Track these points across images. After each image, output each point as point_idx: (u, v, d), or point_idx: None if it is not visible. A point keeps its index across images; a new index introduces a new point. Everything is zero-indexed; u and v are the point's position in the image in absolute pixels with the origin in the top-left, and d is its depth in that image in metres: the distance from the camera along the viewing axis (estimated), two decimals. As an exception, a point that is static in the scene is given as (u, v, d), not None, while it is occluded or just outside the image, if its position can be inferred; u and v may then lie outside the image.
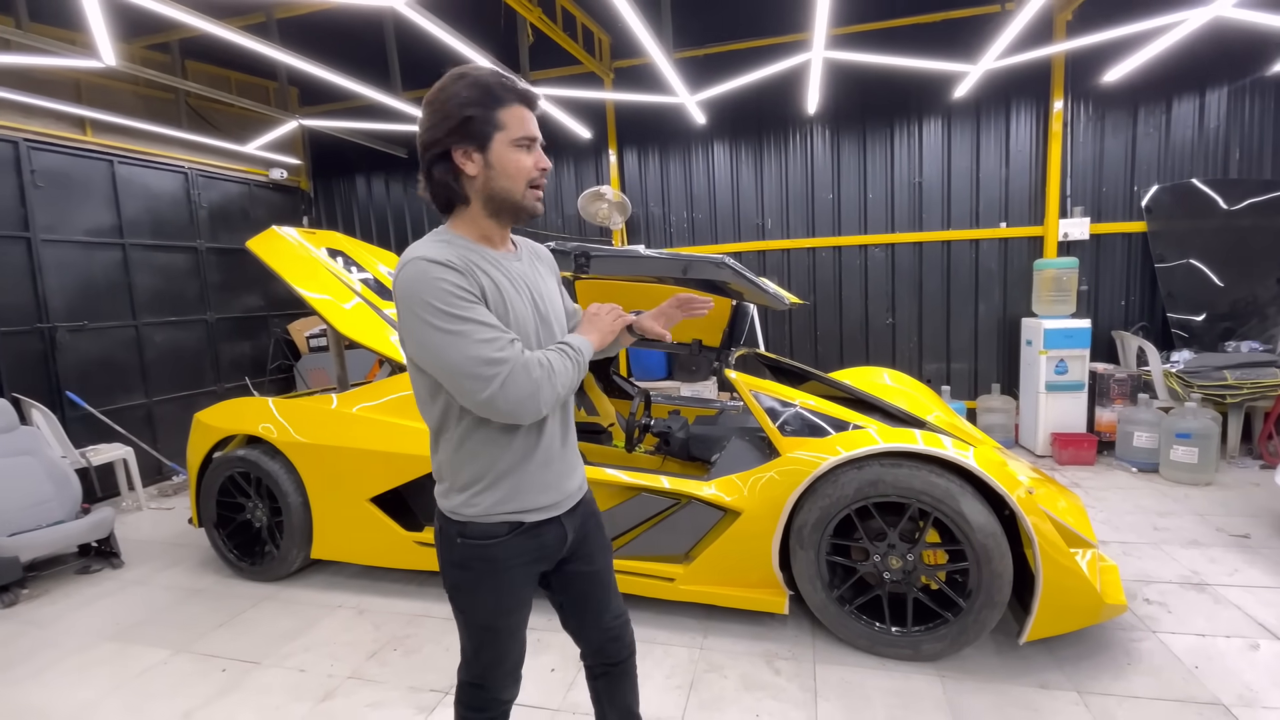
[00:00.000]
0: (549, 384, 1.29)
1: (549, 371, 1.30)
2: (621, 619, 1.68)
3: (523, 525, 1.42)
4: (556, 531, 1.48)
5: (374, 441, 3.25)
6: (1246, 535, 3.59)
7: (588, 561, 1.59)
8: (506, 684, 1.54)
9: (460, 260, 1.29)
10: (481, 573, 1.43)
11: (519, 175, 1.33)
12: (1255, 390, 4.65)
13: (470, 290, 1.28)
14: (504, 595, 1.45)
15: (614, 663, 1.69)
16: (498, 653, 1.50)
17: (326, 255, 4.15)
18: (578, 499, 1.54)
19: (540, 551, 1.47)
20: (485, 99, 1.29)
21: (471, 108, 1.29)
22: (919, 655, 2.54)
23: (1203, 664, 2.47)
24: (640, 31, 3.90)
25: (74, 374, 5.04)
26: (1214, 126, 5.25)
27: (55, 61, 4.04)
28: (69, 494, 3.94)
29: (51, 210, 4.97)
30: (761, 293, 2.94)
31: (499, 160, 1.32)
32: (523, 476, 1.41)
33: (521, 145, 1.33)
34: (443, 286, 1.24)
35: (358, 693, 2.55)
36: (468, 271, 1.29)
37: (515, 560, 1.43)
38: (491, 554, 1.41)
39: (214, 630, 3.09)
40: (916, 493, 2.47)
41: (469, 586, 1.45)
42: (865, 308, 6.13)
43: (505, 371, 1.24)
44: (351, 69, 4.60)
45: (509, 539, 1.41)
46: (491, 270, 1.35)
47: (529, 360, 1.28)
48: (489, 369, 1.24)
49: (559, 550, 1.51)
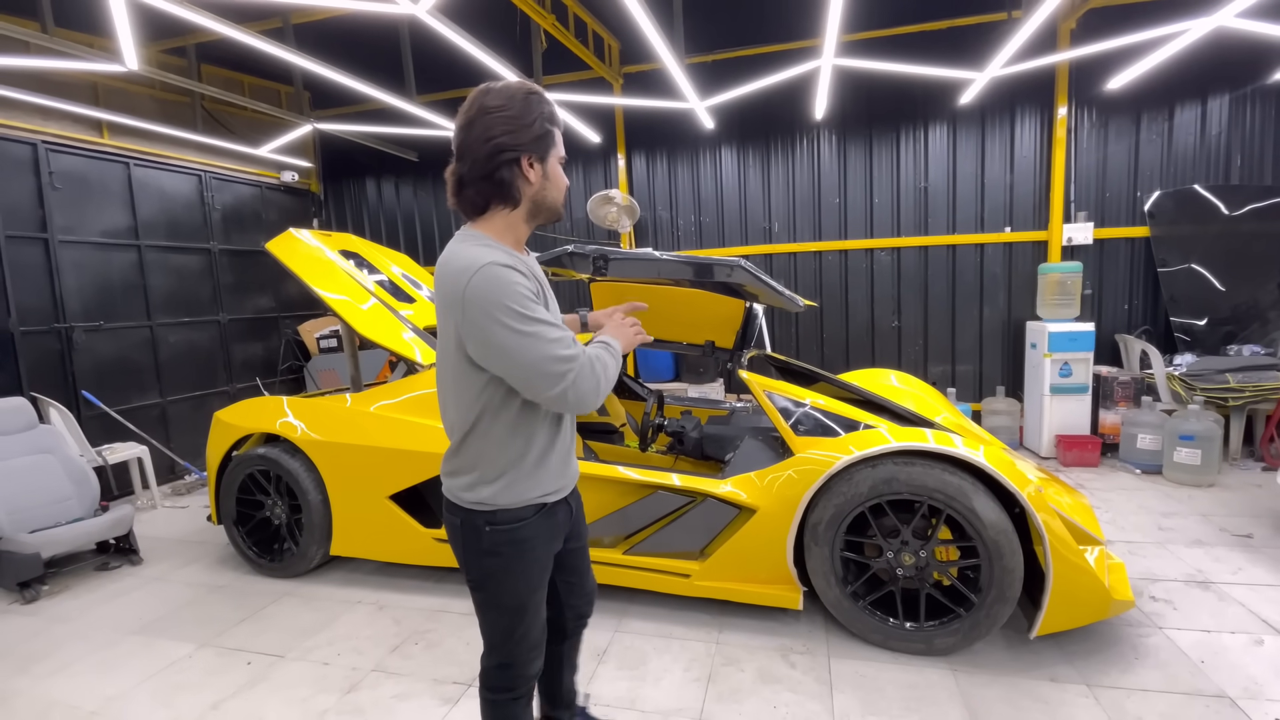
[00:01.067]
0: (605, 379, 1.43)
1: (605, 367, 1.44)
2: (594, 584, 1.92)
3: (545, 506, 1.56)
4: (564, 511, 1.65)
5: (394, 440, 3.30)
6: (1249, 535, 3.65)
7: (578, 538, 1.78)
8: (532, 658, 1.64)
9: (522, 265, 1.41)
10: (511, 556, 1.53)
11: (563, 188, 1.54)
12: (1257, 393, 4.72)
13: (535, 294, 1.39)
14: (532, 574, 1.58)
15: (584, 617, 1.91)
16: (526, 628, 1.60)
17: (341, 257, 4.21)
18: (575, 481, 1.70)
19: (555, 530, 1.61)
20: (555, 118, 1.48)
21: (550, 123, 1.47)
22: (932, 650, 2.60)
23: (1209, 658, 2.53)
24: (654, 38, 3.97)
25: (90, 373, 5.10)
26: (1216, 133, 5.33)
27: (78, 65, 4.10)
28: (88, 492, 4.00)
29: (69, 211, 5.04)
30: (776, 294, 3.00)
31: (553, 173, 1.50)
32: (547, 463, 1.55)
33: (563, 162, 1.54)
34: (518, 290, 1.33)
35: (382, 685, 2.60)
36: (530, 275, 1.42)
37: (540, 539, 1.56)
38: (520, 535, 1.52)
39: (236, 625, 3.15)
40: (929, 490, 2.53)
41: (500, 571, 1.54)
42: (871, 311, 6.19)
43: (575, 368, 1.36)
44: (365, 73, 4.67)
45: (535, 520, 1.54)
46: (532, 271, 1.49)
47: (590, 357, 1.42)
48: (562, 366, 1.34)
49: (566, 527, 1.67)
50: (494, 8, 4.67)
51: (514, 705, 1.63)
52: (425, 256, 7.37)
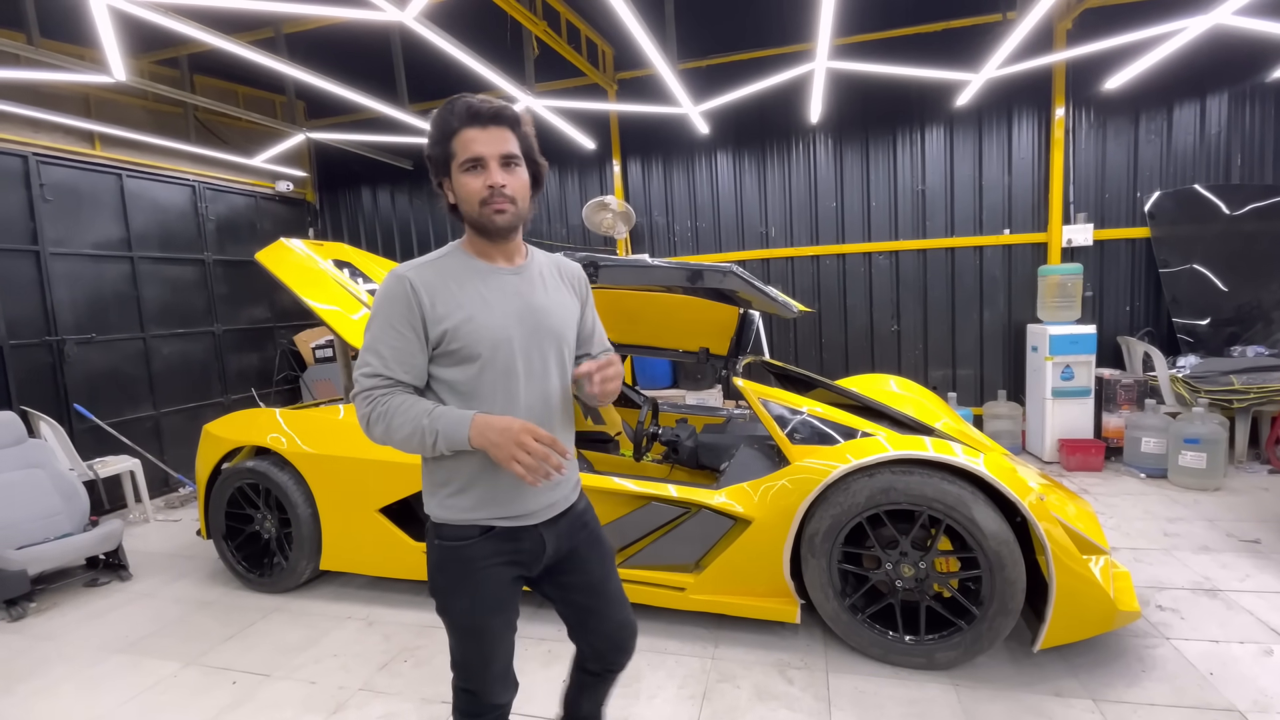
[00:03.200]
0: (379, 424, 1.38)
1: (382, 416, 1.37)
2: (627, 629, 1.69)
3: (493, 529, 1.46)
4: (533, 540, 1.51)
5: (384, 452, 3.24)
6: (1257, 540, 3.58)
7: (582, 573, 1.61)
8: (496, 689, 1.55)
9: (424, 278, 1.40)
10: (456, 574, 1.47)
11: (469, 198, 1.40)
12: (1262, 395, 4.65)
13: (403, 315, 1.38)
14: (480, 596, 1.47)
15: (613, 669, 1.74)
16: (483, 656, 1.51)
17: (333, 267, 4.17)
18: (558, 511, 1.55)
19: (515, 555, 1.49)
20: (438, 134, 1.40)
21: (431, 146, 1.42)
22: (933, 664, 2.53)
23: (1217, 670, 2.46)
24: (646, 44, 3.94)
25: (82, 386, 5.06)
26: (1215, 132, 5.28)
27: (66, 77, 4.09)
28: (77, 506, 3.95)
29: (60, 224, 5.01)
30: (770, 301, 2.95)
31: (456, 186, 1.41)
32: (491, 485, 1.45)
33: (467, 168, 1.39)
34: (382, 301, 1.40)
35: (370, 704, 2.54)
36: (421, 292, 1.38)
37: (488, 561, 1.46)
38: (465, 554, 1.45)
39: (224, 642, 3.09)
40: (928, 500, 2.47)
41: (446, 587, 1.49)
42: (870, 315, 6.14)
43: (355, 390, 1.42)
44: (358, 82, 4.65)
45: (480, 540, 1.45)
46: (469, 283, 1.43)
47: (373, 397, 1.39)
48: (358, 382, 1.42)
49: (538, 558, 1.53)
50: (486, 15, 4.64)
51: None
52: (421, 265, 7.33)
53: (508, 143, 1.40)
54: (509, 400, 1.43)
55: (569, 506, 1.59)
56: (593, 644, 1.69)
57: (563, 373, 1.54)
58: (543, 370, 1.49)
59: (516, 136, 1.42)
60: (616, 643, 1.68)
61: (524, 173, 1.44)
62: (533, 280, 1.52)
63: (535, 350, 1.47)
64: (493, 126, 1.38)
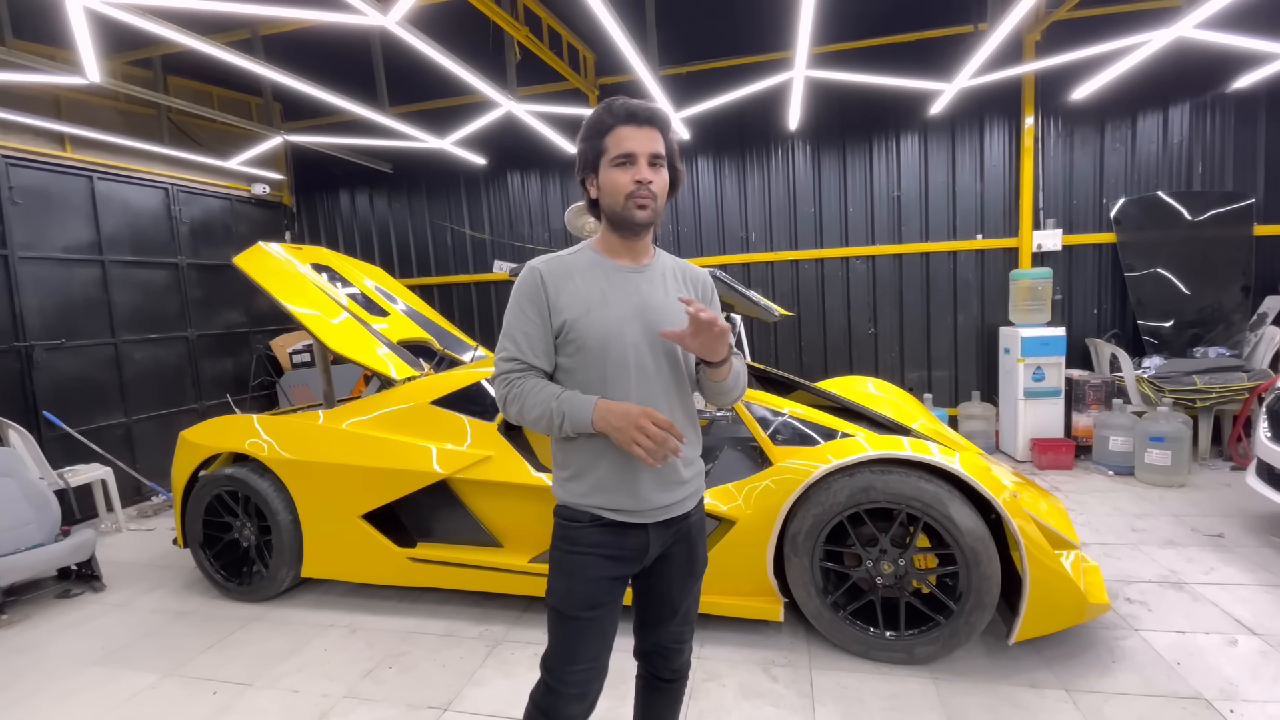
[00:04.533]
0: (514, 405, 1.50)
1: (517, 398, 1.49)
2: (678, 644, 1.71)
3: (602, 520, 1.51)
4: (639, 538, 1.53)
5: (367, 457, 3.23)
6: (1220, 535, 3.71)
7: (667, 582, 1.63)
8: (571, 697, 1.51)
9: (553, 269, 1.51)
10: (563, 552, 1.54)
11: (615, 191, 1.47)
12: (1223, 394, 4.82)
13: (534, 302, 1.50)
14: (578, 582, 1.51)
15: (659, 678, 1.76)
16: (568, 647, 1.52)
17: (313, 271, 4.14)
18: (670, 516, 1.55)
19: (619, 551, 1.52)
20: (591, 131, 1.49)
21: (583, 141, 1.51)
22: (912, 659, 2.59)
23: (1184, 660, 2.55)
24: (627, 50, 3.98)
25: (51, 393, 4.93)
26: (1177, 141, 5.47)
27: (39, 78, 4.00)
28: (48, 516, 3.85)
29: (29, 227, 4.89)
30: (751, 304, 3.00)
31: (603, 180, 1.49)
32: (603, 475, 1.50)
33: (618, 163, 1.45)
34: (517, 290, 1.53)
35: (354, 712, 2.53)
36: (548, 282, 1.50)
37: (592, 549, 1.50)
38: (572, 535, 1.52)
39: (202, 653, 3.04)
40: (906, 498, 2.53)
41: (554, 565, 1.56)
42: (848, 318, 6.24)
43: (494, 373, 1.55)
44: (336, 84, 4.61)
45: (588, 526, 1.51)
46: (592, 277, 1.52)
47: (509, 379, 1.51)
48: (497, 365, 1.54)
49: (640, 558, 1.55)
50: (467, 19, 4.64)
51: None
52: (401, 269, 7.29)
53: (658, 143, 1.47)
54: (621, 394, 1.47)
55: (684, 514, 1.59)
56: (641, 644, 1.73)
57: (678, 376, 1.56)
58: (655, 368, 1.51)
59: (665, 140, 1.50)
60: (663, 651, 1.71)
61: (665, 175, 1.51)
62: (654, 280, 1.57)
63: (648, 348, 1.50)
64: (647, 127, 1.46)
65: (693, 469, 1.60)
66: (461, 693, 2.60)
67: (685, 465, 1.58)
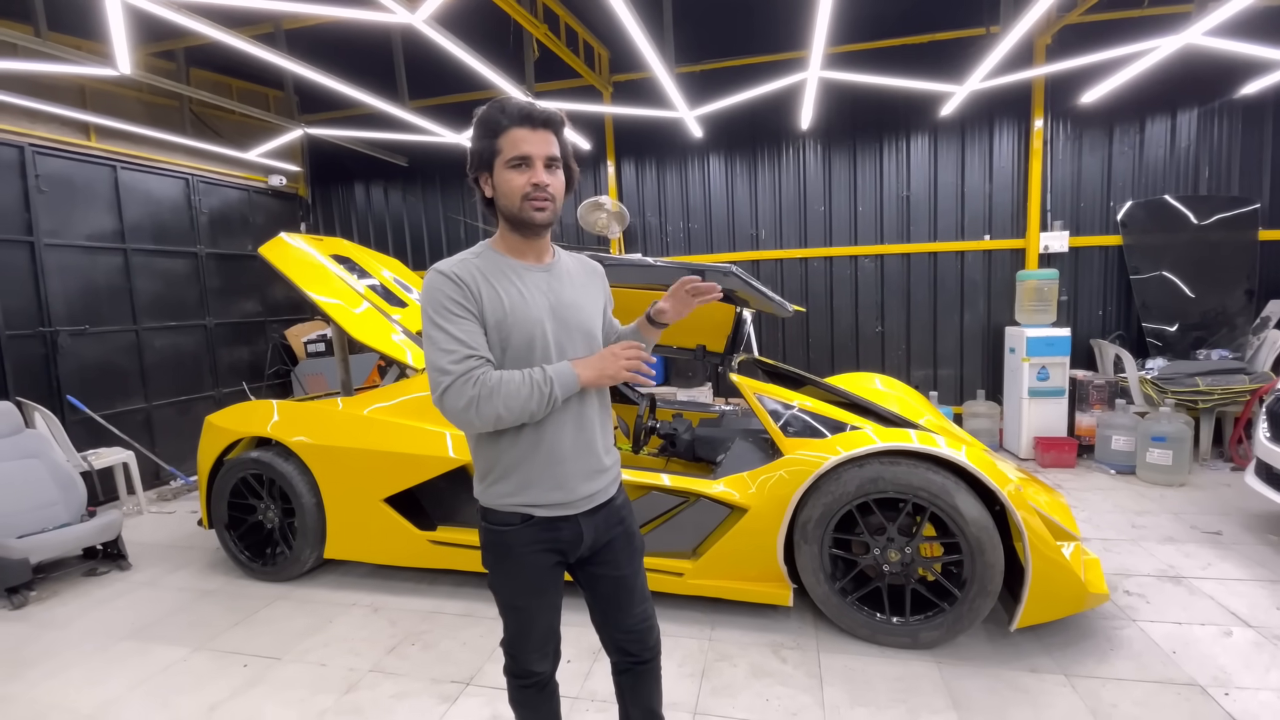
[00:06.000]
0: (488, 402, 1.39)
1: (493, 391, 1.39)
2: (646, 623, 1.74)
3: (532, 518, 1.53)
4: (572, 529, 1.56)
5: (389, 443, 3.33)
6: (1219, 532, 3.79)
7: (613, 567, 1.66)
8: (534, 659, 1.66)
9: (466, 271, 1.47)
10: (499, 556, 1.58)
11: (511, 193, 1.46)
12: (1225, 396, 4.89)
13: (460, 302, 1.44)
14: (520, 580, 1.58)
15: (638, 661, 1.76)
16: (521, 630, 1.64)
17: (333, 261, 4.24)
18: (598, 503, 1.60)
19: (554, 544, 1.56)
20: (486, 130, 1.46)
21: (477, 140, 1.48)
22: (917, 643, 2.69)
23: (1180, 649, 2.64)
24: (645, 48, 4.05)
25: (75, 378, 5.05)
26: (1185, 146, 5.53)
27: (71, 69, 4.10)
28: (75, 497, 3.97)
29: (55, 215, 5.00)
30: (767, 300, 3.09)
31: (498, 181, 1.48)
32: (529, 472, 1.51)
33: (513, 165, 1.45)
34: (435, 296, 1.45)
35: (380, 685, 2.63)
36: (468, 283, 1.45)
37: (527, 549, 1.54)
38: (505, 540, 1.55)
39: (230, 629, 3.15)
40: (914, 489, 2.62)
41: (492, 567, 1.62)
42: (855, 316, 6.32)
43: (447, 382, 1.41)
44: (356, 78, 4.69)
45: (520, 528, 1.54)
46: (504, 280, 1.50)
47: (474, 377, 1.41)
48: (438, 376, 1.43)
49: (575, 547, 1.59)
50: (487, 16, 4.72)
51: (525, 692, 1.69)
52: (415, 261, 7.38)
53: (552, 145, 1.48)
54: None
55: (608, 500, 1.64)
56: (612, 636, 1.73)
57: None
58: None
59: (560, 142, 1.50)
60: (635, 635, 1.72)
61: (562, 176, 1.53)
62: (561, 277, 1.59)
63: (567, 343, 1.55)
64: (542, 129, 1.46)
65: (611, 455, 1.65)
66: (482, 669, 2.70)
67: (605, 453, 1.63)
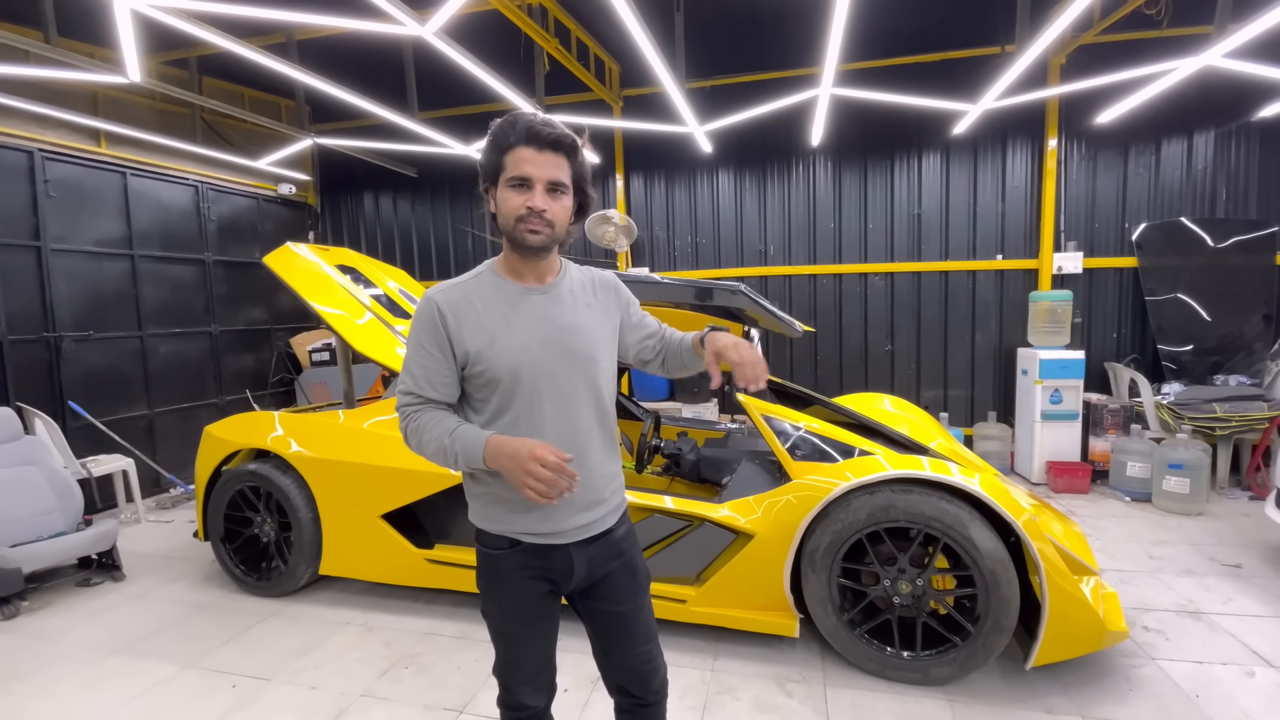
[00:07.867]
0: (414, 440, 1.47)
1: (418, 431, 1.45)
2: (650, 664, 1.63)
3: (522, 544, 1.49)
4: (562, 559, 1.50)
5: (389, 458, 3.27)
6: (1238, 565, 3.68)
7: (612, 601, 1.58)
8: (525, 691, 1.59)
9: (452, 301, 1.45)
10: (490, 579, 1.54)
11: (508, 213, 1.42)
12: (1243, 423, 4.78)
13: (431, 337, 1.45)
14: (510, 605, 1.53)
15: (640, 703, 1.66)
16: (512, 658, 1.57)
17: (338, 272, 4.20)
18: (592, 534, 1.52)
19: (544, 572, 1.50)
20: (494, 144, 1.43)
21: (486, 153, 1.46)
22: (928, 679, 2.59)
23: (1201, 691, 2.54)
24: (655, 63, 4.02)
25: (78, 384, 5.03)
26: (1201, 168, 5.46)
27: (81, 76, 4.10)
28: (71, 505, 3.93)
29: (63, 220, 5.00)
30: (775, 319, 3.02)
31: (499, 198, 1.44)
32: (513, 501, 1.45)
33: (512, 185, 1.40)
34: (415, 324, 1.48)
35: (371, 711, 2.56)
36: (448, 316, 1.44)
37: (518, 574, 1.50)
38: (496, 563, 1.52)
39: (222, 646, 3.09)
40: (927, 518, 2.53)
41: (484, 590, 1.57)
42: (865, 334, 6.24)
43: (397, 407, 1.51)
44: (366, 89, 4.69)
45: (510, 553, 1.50)
46: (494, 306, 1.46)
47: (408, 414, 1.48)
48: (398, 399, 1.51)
49: (568, 578, 1.52)
50: (497, 29, 4.72)
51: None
52: (422, 272, 7.37)
53: (558, 170, 1.40)
54: (533, 422, 1.44)
55: (605, 530, 1.55)
56: (613, 674, 1.65)
57: (595, 394, 1.51)
58: (570, 392, 1.47)
59: (571, 165, 1.43)
60: (637, 675, 1.62)
61: (569, 200, 1.45)
62: (561, 299, 1.51)
63: (562, 373, 1.46)
64: (548, 152, 1.39)
65: (612, 485, 1.57)
66: (476, 696, 2.62)
67: (605, 484, 1.54)
